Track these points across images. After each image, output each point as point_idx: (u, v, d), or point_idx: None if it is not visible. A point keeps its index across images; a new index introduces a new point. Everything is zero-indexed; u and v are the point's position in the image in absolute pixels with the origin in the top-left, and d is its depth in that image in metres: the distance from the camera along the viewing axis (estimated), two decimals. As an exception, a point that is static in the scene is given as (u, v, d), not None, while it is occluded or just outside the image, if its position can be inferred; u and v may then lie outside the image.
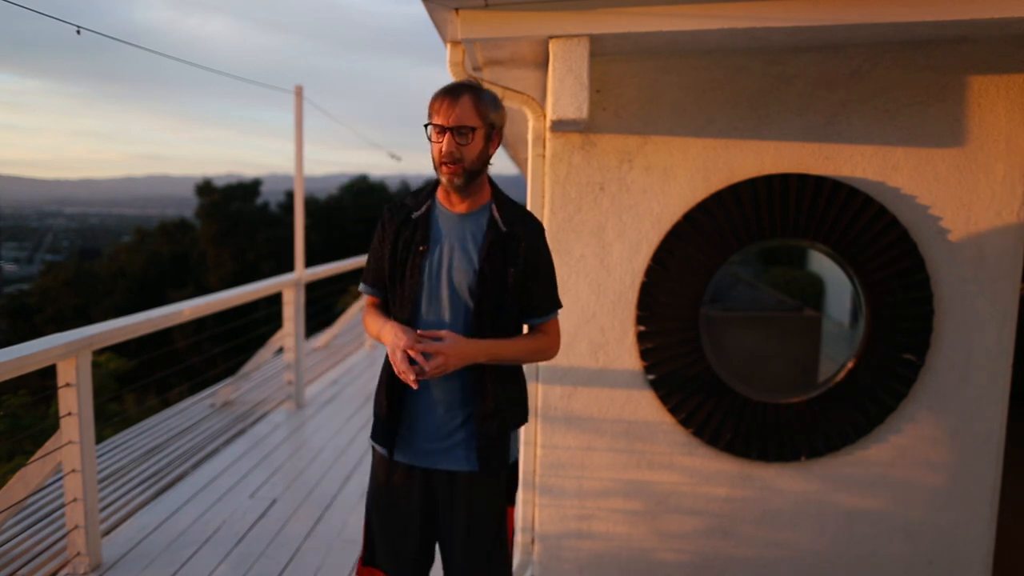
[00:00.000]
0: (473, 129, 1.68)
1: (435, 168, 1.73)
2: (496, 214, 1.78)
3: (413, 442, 1.83)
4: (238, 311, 5.51)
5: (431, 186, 1.84)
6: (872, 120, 2.28)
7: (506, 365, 1.81)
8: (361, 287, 1.94)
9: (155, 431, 4.84)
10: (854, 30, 2.01)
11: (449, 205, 1.80)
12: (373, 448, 1.93)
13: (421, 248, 1.77)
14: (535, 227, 1.83)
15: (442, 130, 1.67)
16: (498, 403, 1.79)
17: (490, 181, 1.84)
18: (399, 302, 1.81)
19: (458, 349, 1.68)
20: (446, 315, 1.76)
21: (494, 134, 1.73)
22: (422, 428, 1.82)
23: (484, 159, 1.73)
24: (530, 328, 1.88)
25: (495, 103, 1.73)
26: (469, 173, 1.71)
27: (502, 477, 1.85)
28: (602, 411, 2.49)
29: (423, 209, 1.81)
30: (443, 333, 1.69)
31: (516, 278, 1.75)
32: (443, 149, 1.67)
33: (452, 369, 1.68)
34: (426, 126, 1.70)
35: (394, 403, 1.82)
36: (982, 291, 2.31)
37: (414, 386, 1.66)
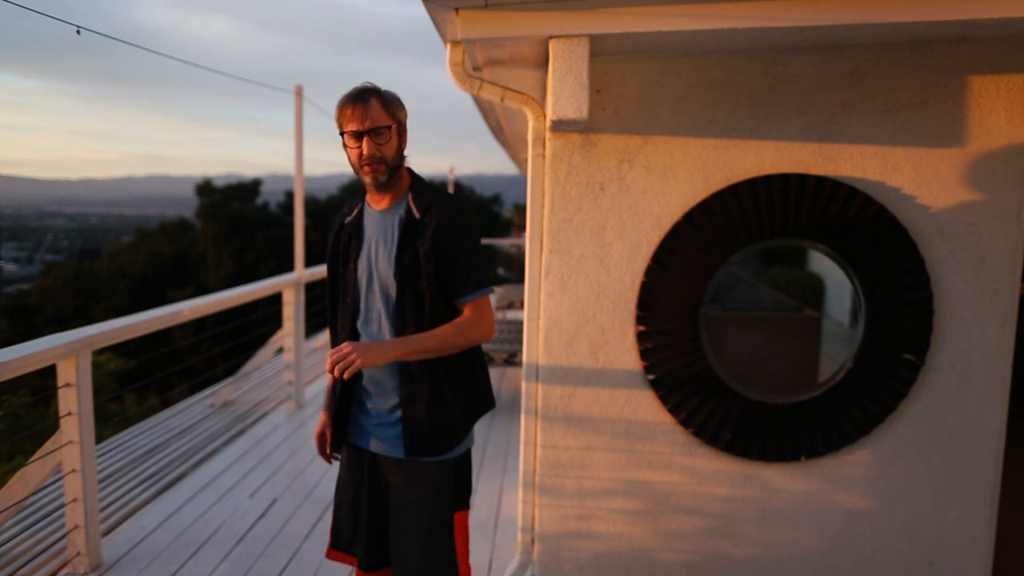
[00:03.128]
0: (388, 127, 1.77)
1: (356, 172, 1.82)
2: (411, 203, 1.85)
3: (358, 423, 1.94)
4: (238, 311, 5.52)
5: (362, 190, 1.92)
6: (872, 120, 2.28)
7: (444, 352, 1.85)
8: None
9: (155, 431, 4.84)
10: (854, 30, 2.01)
11: (374, 204, 1.89)
12: None
13: (353, 250, 1.88)
14: (451, 208, 1.83)
15: (358, 135, 1.76)
16: (432, 387, 1.83)
17: (410, 172, 1.91)
18: (344, 307, 1.92)
19: (362, 347, 1.70)
20: (378, 310, 1.85)
21: (403, 131, 1.84)
22: (362, 409, 1.92)
23: (401, 154, 1.83)
24: (458, 308, 1.89)
25: (398, 101, 1.83)
26: (391, 170, 1.80)
27: (438, 471, 1.85)
28: (602, 411, 2.49)
29: (354, 213, 1.92)
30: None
31: (427, 259, 1.79)
32: (364, 152, 1.76)
33: (362, 366, 1.68)
34: (342, 134, 1.79)
35: (342, 385, 1.93)
36: (982, 291, 2.31)
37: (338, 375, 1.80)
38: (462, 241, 1.82)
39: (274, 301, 5.74)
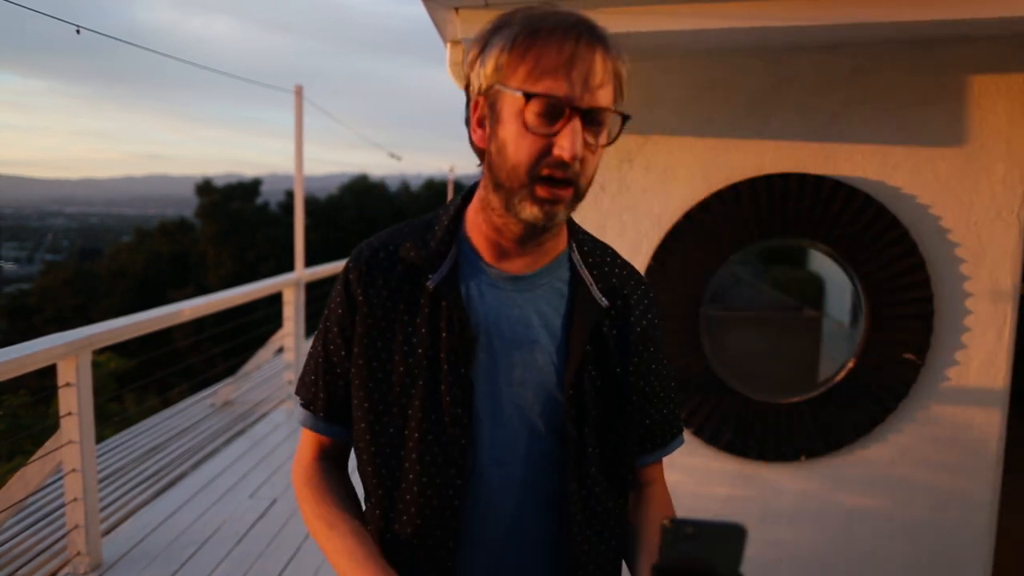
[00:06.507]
0: (615, 117, 0.90)
1: (508, 184, 0.89)
2: (584, 273, 1.00)
3: None
4: (238, 311, 5.53)
5: (448, 221, 1.00)
6: (872, 120, 2.28)
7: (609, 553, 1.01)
8: (304, 418, 1.04)
9: (155, 431, 4.84)
10: (854, 30, 2.01)
11: (496, 258, 0.97)
12: None
13: (464, 345, 0.94)
14: (648, 291, 1.07)
15: (561, 110, 0.84)
16: None
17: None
18: (415, 457, 0.95)
19: None
20: (523, 471, 0.96)
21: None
22: None
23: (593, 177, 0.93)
24: (637, 473, 1.07)
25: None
26: (580, 200, 0.92)
27: None
28: (602, 411, 2.49)
29: (444, 269, 0.95)
30: None
31: (635, 385, 1.01)
32: (564, 152, 0.84)
33: None
34: (527, 97, 0.84)
35: None
36: (982, 291, 2.31)
37: None
38: (664, 358, 1.07)
39: (274, 301, 5.75)
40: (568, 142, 0.84)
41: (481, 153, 0.94)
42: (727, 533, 0.69)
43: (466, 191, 1.04)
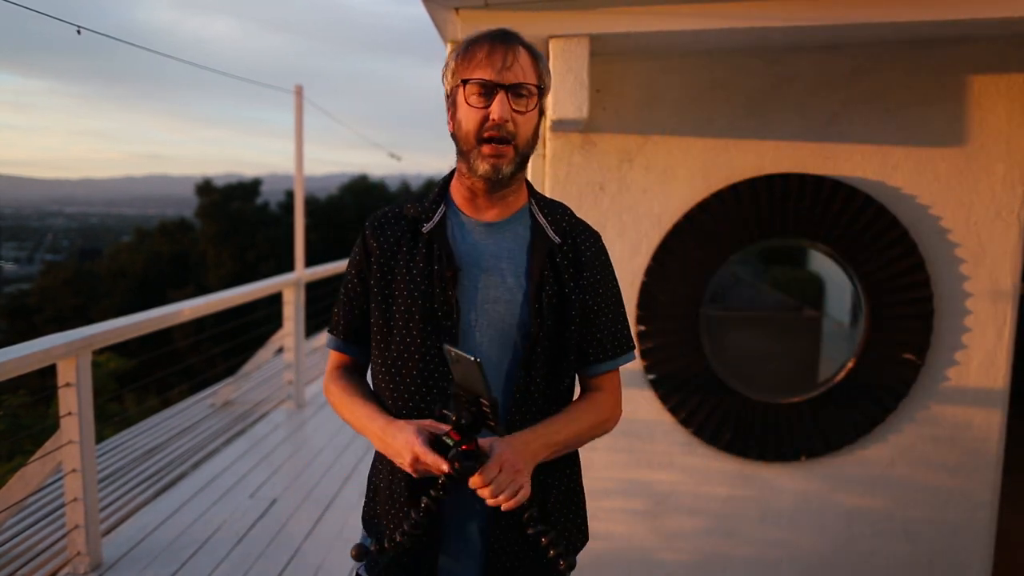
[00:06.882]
0: (537, 88, 1.24)
1: (465, 149, 1.25)
2: (542, 220, 1.33)
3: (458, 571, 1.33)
4: (238, 311, 5.52)
5: (439, 188, 1.36)
6: (872, 120, 2.28)
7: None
8: (330, 341, 1.41)
9: (155, 431, 4.84)
10: (854, 30, 2.01)
11: (473, 211, 1.31)
12: None
13: (450, 274, 1.26)
14: (594, 236, 1.38)
15: (490, 88, 1.20)
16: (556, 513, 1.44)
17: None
18: (417, 357, 1.27)
19: (516, 447, 1.18)
20: (492, 365, 1.27)
21: (543, 110, 1.30)
22: (472, 552, 1.32)
23: (536, 142, 1.28)
24: (586, 381, 1.39)
25: (547, 65, 1.30)
26: (522, 157, 1.25)
27: None
28: (602, 411, 2.49)
29: (436, 219, 1.30)
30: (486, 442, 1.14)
31: (581, 307, 1.30)
32: (495, 115, 1.19)
33: (524, 484, 1.15)
34: (464, 83, 1.22)
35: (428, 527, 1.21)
36: (982, 291, 2.31)
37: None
38: (612, 282, 1.37)
39: (274, 301, 5.74)
40: (497, 107, 1.19)
41: (454, 137, 1.27)
42: (468, 363, 1.00)
43: (451, 170, 1.37)
